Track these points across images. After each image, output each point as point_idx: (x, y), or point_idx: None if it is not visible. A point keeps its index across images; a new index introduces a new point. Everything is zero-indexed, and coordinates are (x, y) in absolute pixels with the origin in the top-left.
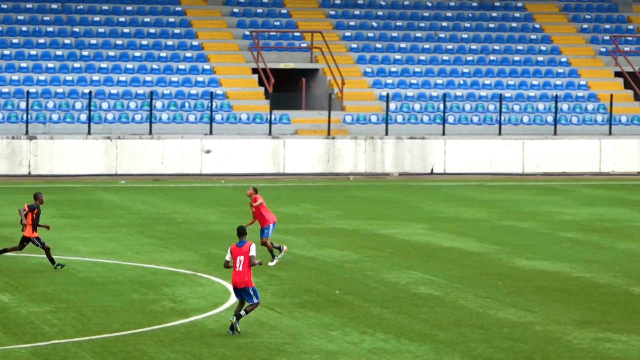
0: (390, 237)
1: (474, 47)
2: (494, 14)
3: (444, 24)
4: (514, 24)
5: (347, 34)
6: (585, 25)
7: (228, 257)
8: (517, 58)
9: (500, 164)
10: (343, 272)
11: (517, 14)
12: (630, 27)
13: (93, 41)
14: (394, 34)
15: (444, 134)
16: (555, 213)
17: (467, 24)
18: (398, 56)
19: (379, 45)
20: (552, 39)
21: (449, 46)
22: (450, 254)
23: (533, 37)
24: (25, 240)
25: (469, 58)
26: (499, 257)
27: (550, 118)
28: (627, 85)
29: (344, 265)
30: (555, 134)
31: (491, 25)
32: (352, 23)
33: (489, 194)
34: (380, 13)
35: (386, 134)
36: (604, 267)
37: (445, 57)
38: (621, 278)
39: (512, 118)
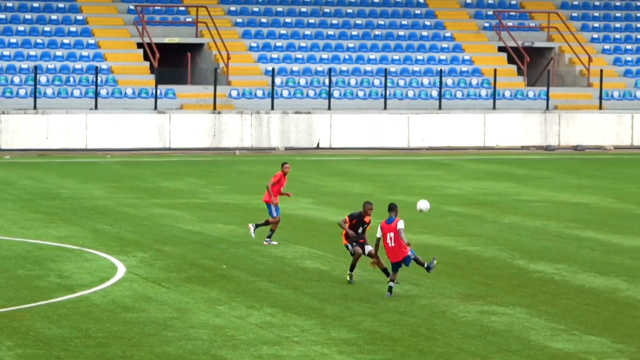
0: None
1: (358, 22)
2: None
3: None
4: None
5: (233, 8)
6: (469, 0)
7: (379, 234)
8: (401, 33)
9: (385, 138)
10: (230, 247)
11: None
12: (514, 2)
13: None
14: (279, 8)
15: (329, 108)
16: (441, 187)
17: None
18: (283, 31)
19: (264, 20)
20: (437, 14)
21: (334, 21)
22: (336, 228)
23: (417, 12)
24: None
25: (354, 33)
26: None
27: (434, 93)
28: (510, 60)
29: (231, 240)
30: (440, 108)
31: (376, 0)
32: None
33: (374, 169)
34: None
35: (272, 108)
36: (489, 240)
37: (331, 32)
38: (506, 251)
39: (397, 93)
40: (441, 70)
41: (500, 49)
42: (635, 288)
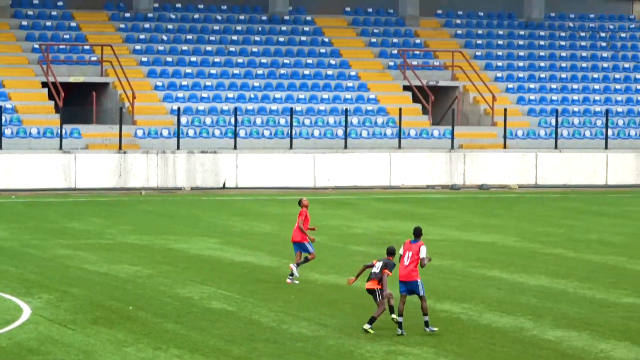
0: (183, 252)
1: (264, 60)
2: (284, 28)
3: (234, 37)
4: (303, 38)
5: (138, 47)
6: (373, 40)
7: (401, 251)
8: (307, 72)
9: (291, 177)
10: (136, 288)
11: (306, 28)
12: (418, 41)
13: None
14: (184, 47)
15: (235, 148)
16: (347, 227)
17: (257, 38)
18: (189, 70)
19: (169, 59)
20: (342, 53)
21: (240, 60)
22: (243, 268)
23: (322, 51)
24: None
25: (260, 72)
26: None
27: (340, 132)
28: (415, 99)
29: (137, 281)
30: (345, 147)
31: (281, 39)
32: (142, 37)
33: (281, 208)
34: (170, 27)
35: (178, 148)
36: (396, 279)
37: (236, 71)
38: None
39: (303, 132)
40: (347, 109)
41: (405, 88)
42: (541, 327)
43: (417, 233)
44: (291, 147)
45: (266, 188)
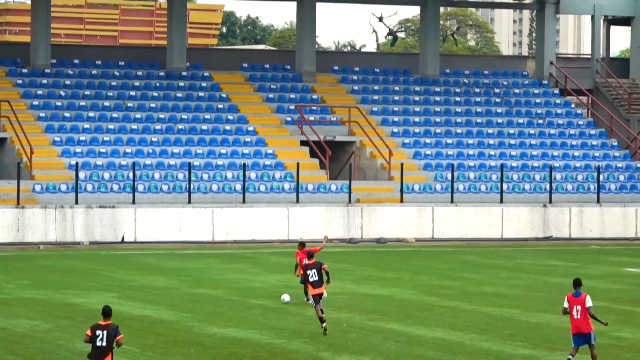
0: (81, 306)
1: (162, 116)
2: (182, 84)
3: (132, 93)
4: (201, 94)
5: (35, 102)
6: (270, 95)
7: (565, 305)
8: (205, 127)
9: (190, 232)
10: (35, 342)
11: (204, 84)
12: (315, 96)
13: None
14: (82, 102)
15: (134, 202)
16: (245, 280)
17: (155, 93)
18: (87, 125)
19: (67, 114)
20: (239, 109)
21: (138, 115)
22: (142, 322)
23: (220, 106)
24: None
25: (158, 127)
26: (191, 325)
27: (238, 186)
28: (312, 154)
29: (36, 335)
30: (244, 202)
31: (179, 94)
32: (39, 92)
33: (179, 262)
34: (67, 82)
35: (76, 202)
36: (294, 333)
37: (134, 126)
38: (311, 344)
39: (201, 186)
40: (244, 164)
41: (303, 143)
42: None
43: (578, 284)
44: (189, 201)
45: (165, 242)
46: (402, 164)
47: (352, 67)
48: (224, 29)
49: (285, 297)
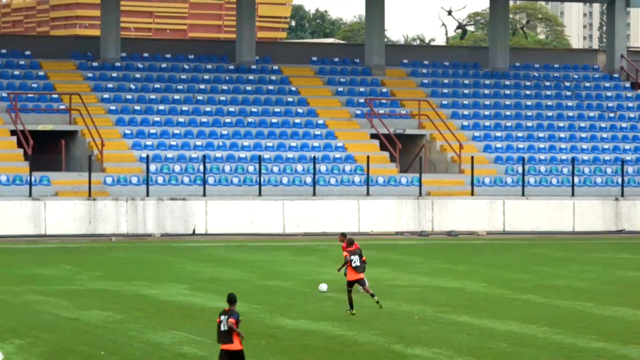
0: (153, 298)
1: (232, 109)
2: (251, 77)
3: (202, 86)
4: (270, 87)
5: (106, 96)
6: (340, 89)
7: None
8: (274, 120)
9: (261, 224)
10: (107, 333)
11: (273, 77)
12: (384, 90)
13: None
14: (152, 96)
15: (204, 195)
16: (316, 272)
17: (225, 87)
18: (157, 118)
19: (137, 107)
20: (309, 102)
21: (208, 108)
22: (214, 314)
23: (290, 99)
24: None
25: (228, 120)
26: (262, 317)
27: (309, 179)
28: (382, 147)
29: (108, 326)
30: (314, 194)
31: (248, 87)
32: (110, 85)
33: (250, 255)
34: (137, 75)
35: (147, 195)
36: (365, 325)
37: (204, 119)
38: (383, 336)
39: (271, 179)
40: (314, 156)
41: (373, 136)
42: None
43: None
44: (260, 194)
45: (236, 235)
46: (472, 157)
47: (421, 60)
48: (293, 23)
49: (323, 287)
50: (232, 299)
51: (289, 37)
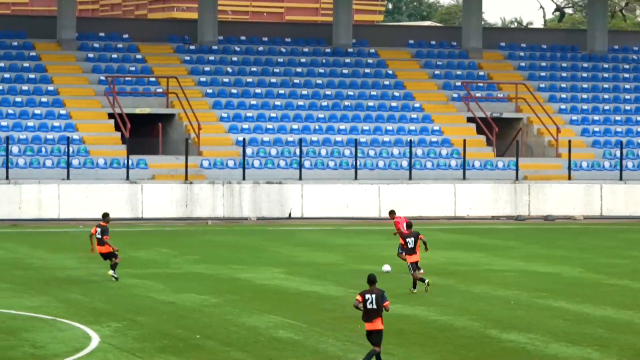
0: (249, 282)
1: (328, 92)
2: (347, 60)
3: (298, 69)
4: (367, 70)
5: (203, 79)
6: (437, 72)
7: None
8: (371, 104)
9: (356, 208)
10: (203, 317)
11: (370, 60)
12: (481, 73)
13: None
14: (249, 79)
15: (300, 178)
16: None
17: (321, 70)
18: (253, 101)
19: (234, 91)
20: (405, 85)
21: (304, 91)
22: (309, 298)
23: (386, 82)
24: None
25: (324, 103)
26: None
27: (405, 163)
28: (479, 131)
29: (204, 310)
30: (410, 178)
31: (345, 71)
32: (207, 68)
33: (346, 238)
34: (234, 59)
35: (243, 178)
36: (461, 310)
37: (300, 103)
38: (478, 321)
39: (367, 163)
40: (411, 140)
41: (469, 120)
42: (608, 358)
43: None
44: (356, 177)
45: (331, 218)
46: (569, 141)
47: (518, 43)
48: (390, 6)
49: (386, 267)
50: (373, 279)
51: (385, 20)
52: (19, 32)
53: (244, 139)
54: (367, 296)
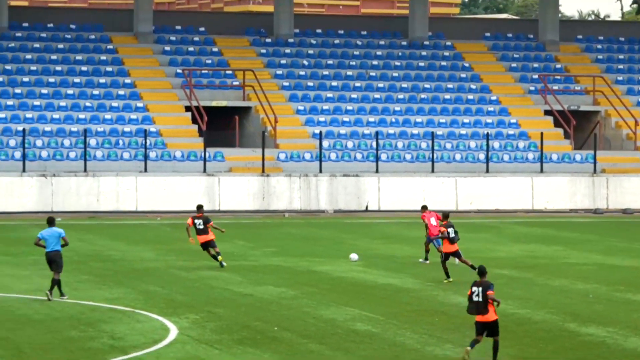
0: (326, 274)
1: (404, 85)
2: (424, 53)
3: (375, 62)
4: (443, 63)
5: (279, 72)
6: (514, 64)
7: None
8: (447, 96)
9: (433, 201)
10: (281, 309)
11: (446, 53)
12: (558, 66)
13: (25, 79)
14: (325, 72)
15: (377, 171)
16: (490, 250)
17: (398, 63)
18: (330, 94)
19: (310, 84)
20: (482, 78)
21: (380, 84)
22: (386, 290)
23: (463, 75)
24: None
25: (400, 96)
26: (435, 294)
27: (482, 156)
28: (556, 124)
29: (282, 302)
30: (487, 171)
31: (421, 64)
32: (283, 61)
33: (422, 231)
34: (310, 52)
35: (320, 171)
36: (539, 303)
37: (377, 96)
38: (557, 314)
39: (444, 156)
40: (488, 133)
41: (546, 113)
42: None
43: None
44: (433, 170)
45: (408, 211)
46: None
47: (596, 36)
48: None
49: (354, 256)
50: (483, 271)
51: (461, 12)
52: (96, 25)
53: (320, 132)
54: (474, 289)
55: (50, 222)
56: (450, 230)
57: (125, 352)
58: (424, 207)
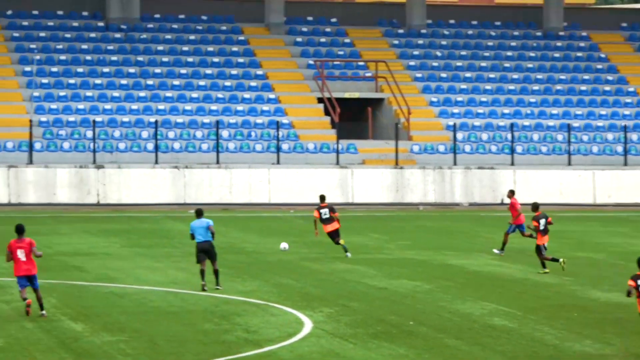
0: (462, 268)
1: (539, 76)
2: (559, 44)
3: (509, 53)
4: (579, 54)
5: (412, 63)
6: None
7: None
8: (583, 88)
9: (570, 194)
10: (416, 303)
11: (582, 44)
12: None
13: (157, 70)
14: (459, 63)
15: (512, 164)
16: (628, 244)
17: (532, 54)
18: (463, 86)
19: (443, 75)
20: (619, 69)
21: (515, 76)
22: (524, 285)
23: (599, 66)
24: None
25: (535, 88)
26: (574, 289)
27: (619, 148)
28: None
29: (417, 296)
30: (625, 164)
31: (556, 55)
32: (415, 52)
33: (560, 225)
34: (444, 42)
35: (454, 164)
36: None
37: (511, 87)
38: None
39: (581, 148)
40: (625, 125)
41: None
42: None
43: None
44: (569, 163)
45: (545, 204)
46: None
47: None
48: None
49: (284, 245)
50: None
51: (598, 2)
52: (228, 16)
53: (454, 124)
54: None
55: (199, 213)
56: (542, 221)
57: (260, 345)
58: (512, 192)
